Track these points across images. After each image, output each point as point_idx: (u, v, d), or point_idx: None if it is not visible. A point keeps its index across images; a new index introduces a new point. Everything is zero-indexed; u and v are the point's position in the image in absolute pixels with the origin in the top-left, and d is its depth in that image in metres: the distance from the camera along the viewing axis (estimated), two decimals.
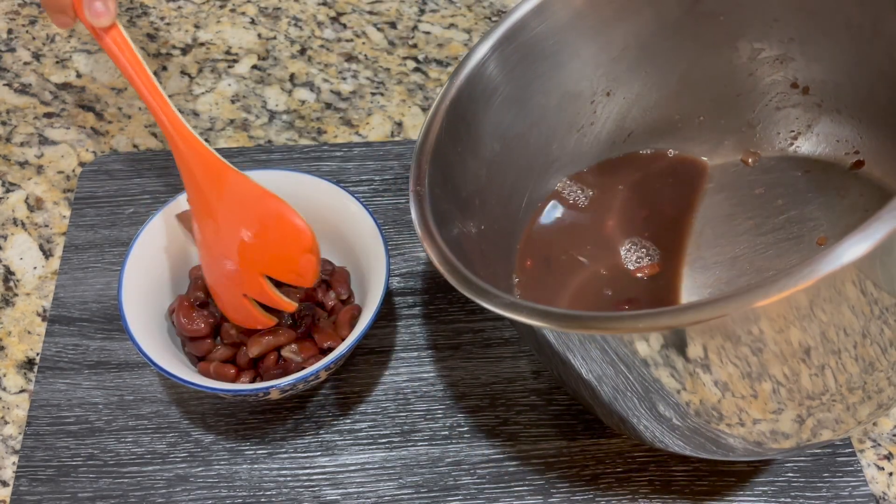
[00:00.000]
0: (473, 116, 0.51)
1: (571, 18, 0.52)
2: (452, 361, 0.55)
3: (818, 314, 0.34)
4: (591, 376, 0.41)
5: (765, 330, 0.34)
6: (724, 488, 0.50)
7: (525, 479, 0.51)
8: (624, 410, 0.42)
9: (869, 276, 0.33)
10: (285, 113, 0.69)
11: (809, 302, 0.33)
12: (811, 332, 0.35)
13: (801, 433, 0.39)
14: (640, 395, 0.40)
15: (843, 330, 0.35)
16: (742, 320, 0.34)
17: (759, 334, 0.35)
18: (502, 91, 0.52)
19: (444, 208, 0.47)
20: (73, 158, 0.66)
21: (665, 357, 0.37)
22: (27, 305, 0.58)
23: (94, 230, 0.61)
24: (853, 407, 0.38)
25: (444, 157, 0.48)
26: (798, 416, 0.38)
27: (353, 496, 0.50)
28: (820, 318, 0.34)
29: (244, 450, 0.52)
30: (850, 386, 0.37)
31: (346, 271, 0.56)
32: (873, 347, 0.36)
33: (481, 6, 0.77)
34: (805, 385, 0.37)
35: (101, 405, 0.53)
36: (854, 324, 0.35)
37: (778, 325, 0.34)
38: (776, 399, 0.37)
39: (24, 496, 0.50)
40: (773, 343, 0.35)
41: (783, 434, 0.39)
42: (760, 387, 0.37)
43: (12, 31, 0.74)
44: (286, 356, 0.50)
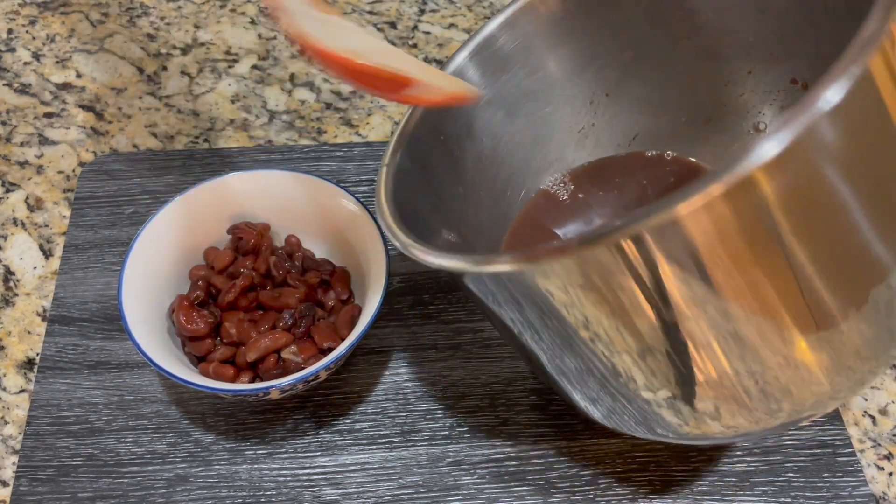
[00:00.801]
0: (458, 112, 0.51)
1: (554, 20, 0.52)
2: (452, 361, 0.55)
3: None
4: (518, 331, 0.41)
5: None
6: (724, 488, 0.50)
7: (525, 479, 0.51)
8: (548, 368, 0.42)
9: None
10: (285, 113, 0.69)
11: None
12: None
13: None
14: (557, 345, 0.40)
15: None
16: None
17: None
18: (489, 91, 0.52)
19: (416, 198, 0.47)
20: (73, 158, 0.66)
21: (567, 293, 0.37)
22: (27, 305, 0.58)
23: (94, 230, 0.61)
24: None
25: (421, 145, 0.49)
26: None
27: (353, 496, 0.50)
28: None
29: (244, 450, 0.52)
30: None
31: (346, 271, 0.56)
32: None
33: (481, 6, 0.77)
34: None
35: (101, 405, 0.53)
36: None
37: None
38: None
39: (24, 496, 0.50)
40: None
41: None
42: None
43: (12, 31, 0.74)
44: (286, 357, 0.50)
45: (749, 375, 0.37)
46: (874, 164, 0.35)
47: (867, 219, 0.35)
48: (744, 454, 0.52)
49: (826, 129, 0.32)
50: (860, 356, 0.38)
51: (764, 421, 0.39)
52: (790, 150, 0.31)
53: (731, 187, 0.31)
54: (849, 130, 0.33)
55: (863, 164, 0.35)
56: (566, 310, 0.37)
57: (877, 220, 0.35)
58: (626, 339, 0.37)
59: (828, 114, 0.31)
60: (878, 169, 0.36)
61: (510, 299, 0.40)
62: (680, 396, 0.39)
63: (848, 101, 0.31)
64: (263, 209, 0.57)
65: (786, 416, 0.39)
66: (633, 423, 0.42)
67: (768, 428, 0.40)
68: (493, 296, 0.41)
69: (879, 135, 0.35)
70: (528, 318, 0.40)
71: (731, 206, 0.33)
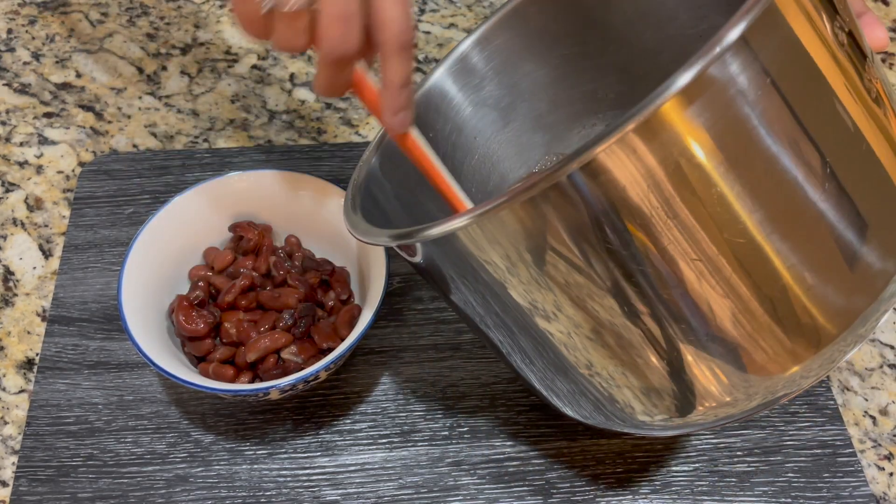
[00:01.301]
0: (448, 107, 0.52)
1: (543, 24, 0.53)
2: (452, 361, 0.55)
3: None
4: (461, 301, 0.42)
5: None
6: (725, 488, 0.50)
7: (525, 480, 0.51)
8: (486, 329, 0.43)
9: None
10: (285, 113, 0.69)
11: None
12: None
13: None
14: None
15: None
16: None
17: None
18: (481, 91, 0.53)
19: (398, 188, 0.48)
20: (73, 158, 0.66)
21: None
22: (27, 305, 0.58)
23: (93, 230, 0.61)
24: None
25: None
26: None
27: (353, 496, 0.50)
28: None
29: (244, 450, 0.52)
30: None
31: (346, 271, 0.56)
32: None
33: (481, 6, 0.77)
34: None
35: (100, 405, 0.53)
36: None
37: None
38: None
39: (23, 496, 0.50)
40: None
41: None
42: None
43: (12, 30, 0.74)
44: (285, 357, 0.50)
45: (707, 348, 0.37)
46: (789, 95, 0.35)
47: (787, 153, 0.35)
48: (744, 454, 0.52)
49: (734, 62, 0.33)
50: (823, 332, 0.38)
51: (741, 403, 0.39)
52: (698, 82, 0.31)
53: (643, 122, 0.32)
54: (757, 64, 0.33)
55: (776, 97, 0.35)
56: (502, 271, 0.38)
57: (797, 155, 0.35)
58: (568, 309, 0.38)
59: (734, 46, 0.32)
60: (793, 98, 0.36)
61: (452, 276, 0.40)
62: (645, 380, 0.39)
63: (753, 34, 0.32)
64: (263, 209, 0.57)
65: (761, 397, 0.39)
66: (595, 410, 0.43)
67: (746, 409, 0.40)
68: (440, 277, 0.41)
69: (791, 65, 0.35)
70: (470, 289, 0.40)
71: (648, 144, 0.33)
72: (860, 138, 0.37)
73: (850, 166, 0.37)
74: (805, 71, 0.35)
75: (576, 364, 0.40)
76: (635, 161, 0.33)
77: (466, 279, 0.40)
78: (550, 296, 0.38)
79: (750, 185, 0.35)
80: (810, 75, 0.35)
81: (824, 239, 0.37)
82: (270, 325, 0.51)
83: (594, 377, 0.40)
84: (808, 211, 0.36)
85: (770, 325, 0.37)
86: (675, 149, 0.33)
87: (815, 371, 0.39)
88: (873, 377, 0.56)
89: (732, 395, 0.39)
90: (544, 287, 0.37)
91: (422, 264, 0.43)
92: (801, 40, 0.35)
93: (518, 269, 0.37)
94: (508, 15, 0.53)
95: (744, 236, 0.35)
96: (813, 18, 0.35)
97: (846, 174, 0.36)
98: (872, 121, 0.37)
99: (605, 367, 0.40)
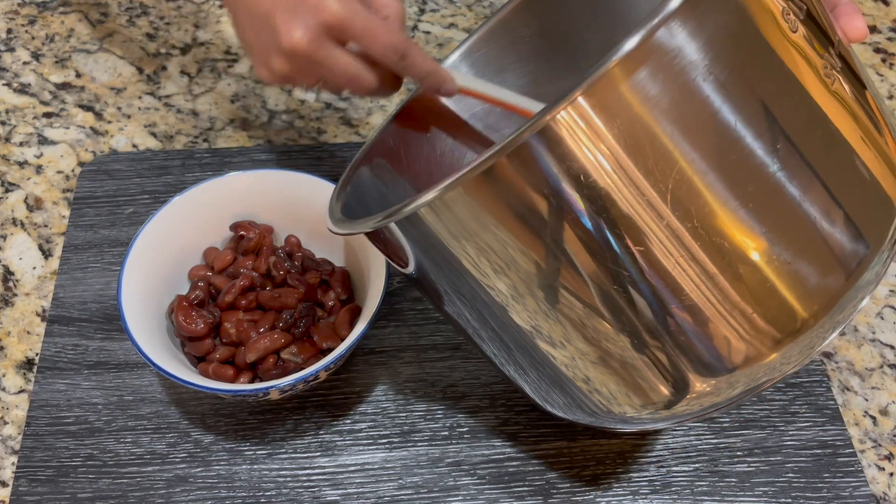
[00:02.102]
0: (448, 111, 0.52)
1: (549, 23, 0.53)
2: (452, 361, 0.55)
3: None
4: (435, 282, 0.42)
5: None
6: (725, 489, 0.50)
7: (525, 480, 0.51)
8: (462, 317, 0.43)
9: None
10: (285, 113, 0.69)
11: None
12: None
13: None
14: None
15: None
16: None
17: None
18: (472, 100, 0.53)
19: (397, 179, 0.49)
20: (73, 158, 0.66)
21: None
22: (26, 305, 0.58)
23: (93, 230, 0.61)
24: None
25: (404, 141, 0.50)
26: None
27: (352, 497, 0.50)
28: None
29: (244, 450, 0.52)
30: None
31: (346, 271, 0.56)
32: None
33: (481, 6, 0.77)
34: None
35: (100, 405, 0.53)
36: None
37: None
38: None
39: (23, 496, 0.50)
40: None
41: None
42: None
43: (11, 30, 0.74)
44: (285, 357, 0.50)
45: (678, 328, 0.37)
46: (737, 62, 0.36)
47: (738, 121, 0.35)
48: (744, 454, 0.52)
49: (681, 30, 0.33)
50: (799, 316, 0.38)
51: (724, 391, 0.39)
52: (644, 47, 0.32)
53: (594, 84, 0.32)
54: (700, 30, 0.34)
55: (724, 64, 0.35)
56: (471, 258, 0.38)
57: (747, 122, 0.35)
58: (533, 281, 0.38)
59: (678, 11, 0.32)
60: (741, 66, 0.36)
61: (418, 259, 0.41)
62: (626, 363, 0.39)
63: (698, 6, 0.32)
64: (263, 209, 0.57)
65: (743, 385, 0.39)
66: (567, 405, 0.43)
67: (731, 396, 0.40)
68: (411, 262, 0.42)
69: (739, 33, 0.36)
70: (442, 280, 0.41)
71: (599, 111, 0.33)
72: (817, 112, 0.37)
73: (805, 138, 0.37)
74: (752, 40, 0.36)
75: (557, 358, 0.40)
76: (586, 126, 0.33)
77: (442, 267, 0.40)
78: (520, 281, 0.38)
79: (704, 154, 0.35)
80: (758, 45, 0.36)
81: (787, 212, 0.36)
82: (270, 325, 0.51)
83: (575, 368, 0.40)
84: (765, 179, 0.36)
85: (742, 306, 0.37)
86: (627, 115, 0.33)
87: (795, 357, 0.39)
88: (873, 377, 0.56)
89: (714, 384, 0.39)
90: (513, 270, 0.38)
91: (413, 275, 0.43)
92: (748, 7, 0.35)
93: (489, 252, 0.37)
94: (495, 27, 0.53)
95: (705, 207, 0.35)
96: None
97: (804, 147, 0.36)
98: (833, 98, 0.37)
99: (583, 359, 0.40)
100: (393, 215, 0.38)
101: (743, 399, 0.40)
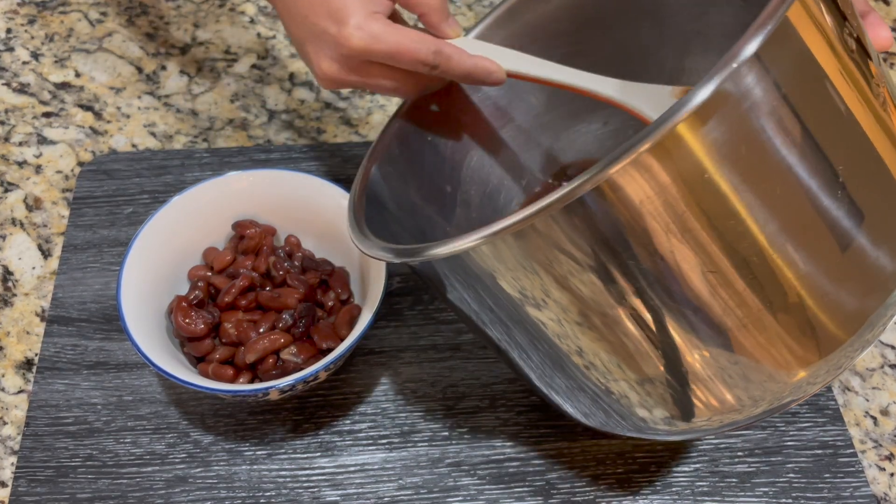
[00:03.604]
0: (448, 113, 0.52)
1: (547, 19, 0.53)
2: (452, 361, 0.55)
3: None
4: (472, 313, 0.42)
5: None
6: (725, 489, 0.50)
7: (525, 480, 0.51)
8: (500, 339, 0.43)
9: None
10: (285, 112, 0.69)
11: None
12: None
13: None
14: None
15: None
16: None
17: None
18: (483, 88, 0.53)
19: (401, 191, 0.48)
20: (72, 158, 0.65)
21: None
22: (26, 306, 0.58)
23: (92, 230, 0.61)
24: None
25: (406, 146, 0.49)
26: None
27: (352, 497, 0.50)
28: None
29: (243, 451, 0.52)
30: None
31: (345, 271, 0.55)
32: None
33: (481, 5, 0.77)
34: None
35: (99, 406, 0.53)
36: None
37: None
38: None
39: (22, 497, 0.50)
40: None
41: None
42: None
43: (11, 30, 0.74)
44: (285, 357, 0.50)
45: (718, 361, 0.37)
46: (800, 106, 0.35)
47: (799, 164, 0.35)
48: (745, 454, 0.52)
49: (748, 76, 0.32)
50: (833, 337, 0.38)
51: (747, 409, 0.39)
52: (712, 99, 0.31)
53: (659, 143, 0.31)
54: (773, 77, 0.33)
55: (787, 109, 0.35)
56: (513, 287, 0.37)
57: (809, 165, 0.35)
58: (578, 321, 0.38)
59: (748, 62, 0.31)
60: (804, 109, 0.36)
61: (461, 286, 0.40)
62: (657, 385, 0.39)
63: (767, 48, 0.31)
64: (263, 209, 0.57)
65: (767, 404, 0.39)
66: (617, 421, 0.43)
67: (752, 416, 0.40)
68: (451, 288, 0.41)
69: (802, 76, 0.35)
70: (478, 301, 0.40)
71: (661, 162, 0.32)
72: (869, 147, 0.37)
73: (860, 174, 0.37)
74: (816, 81, 0.35)
75: (589, 373, 0.40)
76: (648, 179, 0.33)
77: (466, 285, 0.40)
78: (560, 308, 0.37)
79: (763, 197, 0.34)
80: (821, 86, 0.35)
81: (836, 247, 0.36)
82: (270, 325, 0.51)
83: (610, 383, 0.40)
84: (820, 220, 0.36)
85: (781, 334, 0.37)
86: (688, 165, 0.33)
87: (821, 377, 0.39)
88: (874, 377, 0.56)
89: (739, 402, 0.39)
90: (553, 300, 0.37)
91: (419, 267, 0.43)
92: (813, 51, 0.35)
93: (531, 286, 0.37)
94: (503, 15, 0.53)
95: (757, 248, 0.35)
96: (823, 28, 0.35)
97: (857, 182, 0.36)
98: (881, 129, 0.37)
99: (612, 372, 0.39)
100: (428, 251, 0.37)
101: (764, 418, 0.40)
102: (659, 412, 0.40)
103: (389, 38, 0.44)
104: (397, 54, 0.44)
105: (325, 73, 0.46)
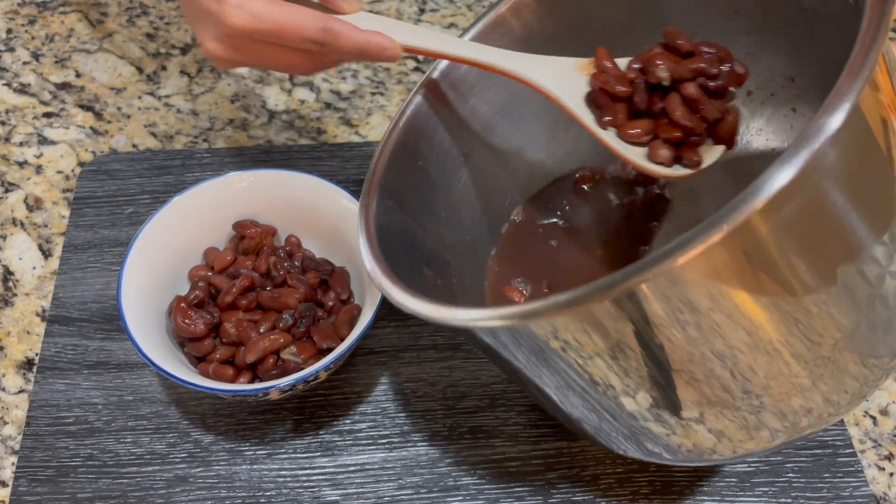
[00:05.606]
0: (437, 133, 0.51)
1: (530, 33, 0.52)
2: (452, 361, 0.55)
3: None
4: (530, 374, 0.41)
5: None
6: (725, 488, 0.50)
7: (525, 480, 0.51)
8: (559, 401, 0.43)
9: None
10: (285, 113, 0.69)
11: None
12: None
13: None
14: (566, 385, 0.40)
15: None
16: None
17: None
18: (471, 101, 0.52)
19: (398, 218, 0.47)
20: (73, 158, 0.66)
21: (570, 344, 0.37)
22: (26, 305, 0.58)
23: (93, 230, 0.61)
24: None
25: (398, 175, 0.48)
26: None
27: (352, 497, 0.50)
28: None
29: (244, 450, 0.52)
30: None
31: (345, 271, 0.56)
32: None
33: (481, 6, 0.77)
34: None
35: (100, 405, 0.53)
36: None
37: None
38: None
39: (23, 497, 0.50)
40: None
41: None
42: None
43: (11, 30, 0.74)
44: (285, 357, 0.50)
45: (747, 401, 0.37)
46: (869, 187, 0.36)
47: (868, 236, 0.35)
48: None
49: (825, 159, 0.32)
50: (856, 378, 0.38)
51: (765, 441, 0.39)
52: (792, 186, 0.30)
53: (732, 231, 0.30)
54: (843, 158, 0.33)
55: (859, 188, 0.35)
56: (558, 355, 0.37)
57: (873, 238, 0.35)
58: (626, 382, 0.37)
59: (827, 144, 0.31)
60: (873, 190, 0.36)
61: (504, 343, 0.40)
62: (683, 422, 0.39)
63: (841, 133, 0.31)
64: (263, 209, 0.57)
65: (785, 436, 0.39)
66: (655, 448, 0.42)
67: (769, 448, 0.40)
68: (492, 341, 0.40)
69: (869, 159, 0.36)
70: (520, 359, 0.40)
71: (730, 250, 0.32)
72: None
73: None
74: (878, 165, 0.35)
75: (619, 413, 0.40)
76: (709, 269, 0.32)
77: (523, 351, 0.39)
78: (611, 366, 0.37)
79: (831, 277, 0.35)
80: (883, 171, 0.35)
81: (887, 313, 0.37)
82: (270, 325, 0.51)
83: (632, 420, 0.40)
84: (865, 286, 0.36)
85: (821, 388, 0.37)
86: (760, 254, 0.33)
87: (844, 407, 0.39)
88: None
89: (756, 438, 0.39)
90: (578, 369, 0.37)
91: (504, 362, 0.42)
92: (876, 135, 0.35)
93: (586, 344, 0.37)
94: (490, 24, 0.52)
95: (824, 328, 0.35)
96: (886, 116, 0.35)
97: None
98: None
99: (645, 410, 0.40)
100: (455, 315, 0.37)
101: (780, 448, 0.40)
102: (682, 450, 0.40)
103: (271, 16, 0.42)
104: (281, 33, 0.42)
105: (211, 54, 0.44)
